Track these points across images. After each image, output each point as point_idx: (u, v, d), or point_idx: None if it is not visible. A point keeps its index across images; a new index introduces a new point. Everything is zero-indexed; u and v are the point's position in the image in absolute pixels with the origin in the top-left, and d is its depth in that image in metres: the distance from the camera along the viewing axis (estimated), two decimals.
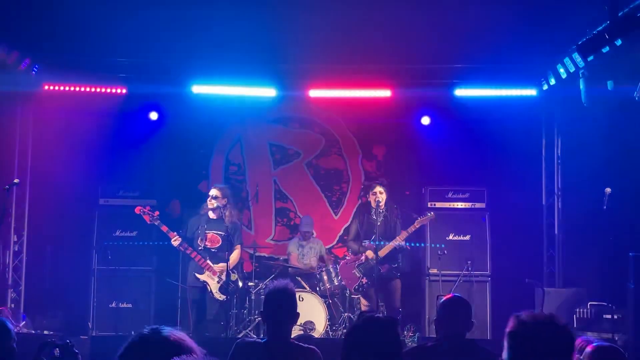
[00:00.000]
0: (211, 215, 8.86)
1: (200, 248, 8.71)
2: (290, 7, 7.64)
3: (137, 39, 8.38)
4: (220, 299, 8.58)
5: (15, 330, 3.84)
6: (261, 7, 7.66)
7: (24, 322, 9.11)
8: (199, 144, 10.99)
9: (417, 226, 8.73)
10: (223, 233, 8.68)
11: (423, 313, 9.55)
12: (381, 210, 8.66)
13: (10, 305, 9.49)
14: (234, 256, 8.81)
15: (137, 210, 8.64)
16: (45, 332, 8.74)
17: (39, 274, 9.97)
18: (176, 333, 2.56)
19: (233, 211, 8.93)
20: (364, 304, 8.91)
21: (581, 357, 3.63)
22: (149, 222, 8.61)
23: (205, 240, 8.76)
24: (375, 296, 8.74)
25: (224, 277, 8.53)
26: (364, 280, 8.78)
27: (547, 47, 8.54)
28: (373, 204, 8.80)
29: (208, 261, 8.64)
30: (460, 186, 9.86)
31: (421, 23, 8.06)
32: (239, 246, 8.96)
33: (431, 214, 8.91)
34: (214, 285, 8.61)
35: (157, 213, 8.63)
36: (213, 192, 8.88)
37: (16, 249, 9.87)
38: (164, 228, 8.56)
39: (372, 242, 8.62)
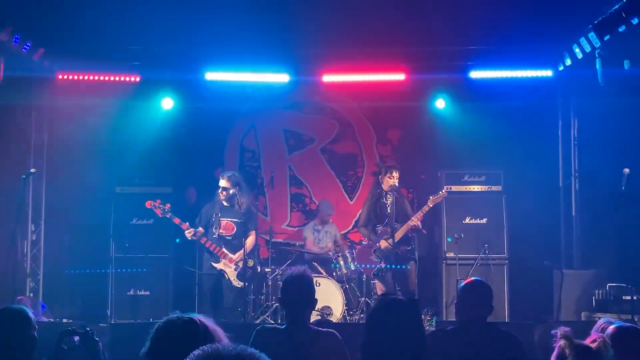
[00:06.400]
0: (225, 202, 8.81)
1: (214, 236, 8.68)
2: None
3: (150, 26, 8.36)
4: (238, 285, 8.58)
5: (35, 319, 3.85)
6: None
7: (44, 311, 9.16)
8: (214, 130, 10.97)
9: (430, 205, 8.73)
10: (237, 220, 8.66)
11: (440, 297, 9.52)
12: (392, 194, 8.66)
13: (30, 294, 9.55)
14: (249, 242, 8.75)
15: (147, 204, 8.56)
16: (65, 320, 8.79)
17: (57, 262, 10.02)
18: (204, 320, 2.57)
19: (246, 197, 8.78)
20: (380, 289, 8.90)
21: (603, 335, 3.60)
22: (160, 216, 8.55)
23: (220, 228, 8.72)
24: (392, 280, 8.74)
25: (240, 264, 8.52)
26: (382, 265, 8.79)
27: (562, 26, 8.42)
28: (386, 188, 8.80)
29: (224, 249, 8.62)
30: (476, 169, 9.78)
31: (435, 5, 7.99)
32: (253, 232, 8.88)
33: (443, 191, 8.96)
34: (231, 272, 8.61)
35: (168, 205, 8.54)
36: (222, 182, 8.74)
37: (34, 238, 9.92)
38: (177, 220, 8.51)
39: (385, 227, 8.65)
